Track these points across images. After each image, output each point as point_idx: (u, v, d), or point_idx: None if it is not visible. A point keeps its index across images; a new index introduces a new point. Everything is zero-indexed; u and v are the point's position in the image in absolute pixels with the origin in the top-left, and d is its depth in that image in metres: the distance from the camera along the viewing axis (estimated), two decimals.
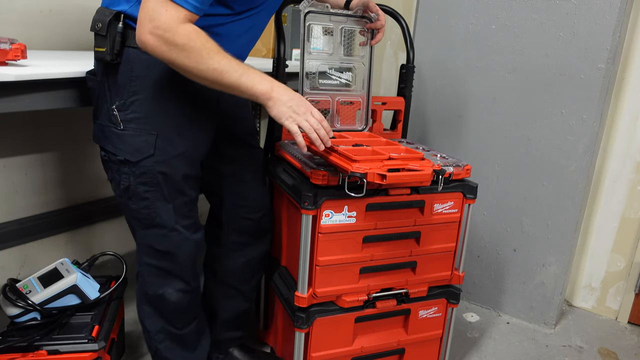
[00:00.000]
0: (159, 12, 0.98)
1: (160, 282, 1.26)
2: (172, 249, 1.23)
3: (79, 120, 1.96)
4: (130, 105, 1.13)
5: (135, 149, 1.14)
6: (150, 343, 1.34)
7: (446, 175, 1.36)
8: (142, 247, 1.26)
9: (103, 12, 1.11)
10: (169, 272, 1.26)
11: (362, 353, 1.44)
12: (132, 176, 1.16)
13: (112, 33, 1.09)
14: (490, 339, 1.92)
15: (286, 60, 1.55)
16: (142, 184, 1.16)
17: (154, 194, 1.17)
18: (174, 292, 1.27)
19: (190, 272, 1.29)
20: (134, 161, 1.14)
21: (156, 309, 1.29)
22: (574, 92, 1.79)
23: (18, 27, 1.69)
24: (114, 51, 1.10)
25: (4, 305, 1.30)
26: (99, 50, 1.12)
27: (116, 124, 1.14)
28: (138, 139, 1.14)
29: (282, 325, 1.56)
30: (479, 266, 2.12)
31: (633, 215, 2.01)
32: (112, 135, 1.16)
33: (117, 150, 1.15)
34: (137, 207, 1.19)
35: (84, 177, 2.04)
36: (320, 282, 1.32)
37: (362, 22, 1.50)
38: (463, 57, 1.99)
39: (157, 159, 1.15)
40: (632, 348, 1.93)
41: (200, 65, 1.02)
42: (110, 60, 1.10)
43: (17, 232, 1.79)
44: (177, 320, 1.31)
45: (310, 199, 1.23)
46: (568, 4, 1.75)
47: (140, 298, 1.32)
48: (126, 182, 1.17)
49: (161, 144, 1.15)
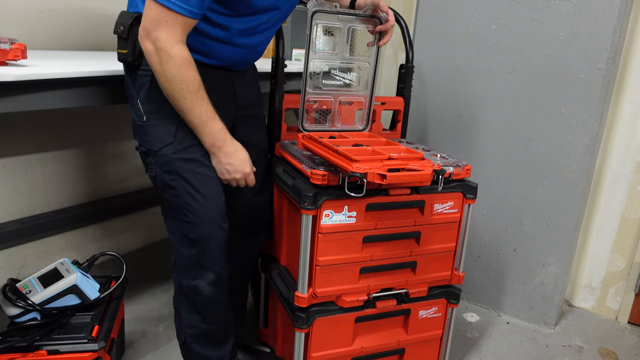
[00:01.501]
0: (160, 25, 1.05)
1: (193, 273, 1.29)
2: (203, 237, 1.25)
3: (79, 120, 1.96)
4: (151, 97, 1.18)
5: (157, 138, 1.20)
6: (180, 333, 1.37)
7: (446, 175, 1.36)
8: (176, 237, 1.29)
9: (125, 15, 1.17)
10: (201, 262, 1.28)
11: (362, 353, 1.44)
12: (157, 166, 1.22)
13: (134, 35, 1.14)
14: (490, 339, 1.92)
15: (285, 61, 1.55)
16: (167, 173, 1.21)
17: (180, 182, 1.21)
18: (206, 285, 1.29)
19: (220, 262, 1.31)
20: (156, 150, 1.20)
21: (191, 301, 1.32)
22: (574, 92, 1.79)
23: (18, 27, 1.69)
24: (136, 53, 1.15)
25: (4, 305, 1.30)
26: (122, 52, 1.17)
27: (141, 117, 1.21)
28: (159, 129, 1.20)
29: (282, 325, 1.56)
30: (479, 266, 2.12)
31: (633, 215, 2.01)
32: (139, 129, 1.23)
33: (143, 142, 1.22)
34: (167, 195, 1.24)
35: (84, 177, 2.04)
36: (320, 282, 1.32)
37: (372, 21, 1.49)
38: (463, 57, 1.99)
39: (177, 147, 1.19)
40: (632, 348, 1.93)
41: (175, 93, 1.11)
42: (132, 61, 1.16)
43: (17, 232, 1.79)
44: (209, 314, 1.33)
45: (310, 199, 1.23)
46: (568, 4, 1.75)
47: (177, 288, 1.35)
48: (153, 172, 1.24)
49: (182, 133, 1.19)
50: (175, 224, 1.27)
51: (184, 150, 1.20)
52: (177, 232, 1.28)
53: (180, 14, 1.05)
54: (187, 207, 1.22)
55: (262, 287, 1.69)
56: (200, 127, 1.16)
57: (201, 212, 1.23)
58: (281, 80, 1.54)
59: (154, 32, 1.05)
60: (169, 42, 1.06)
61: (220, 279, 1.31)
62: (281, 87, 1.55)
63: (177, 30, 1.06)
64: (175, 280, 1.34)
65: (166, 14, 1.04)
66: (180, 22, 1.06)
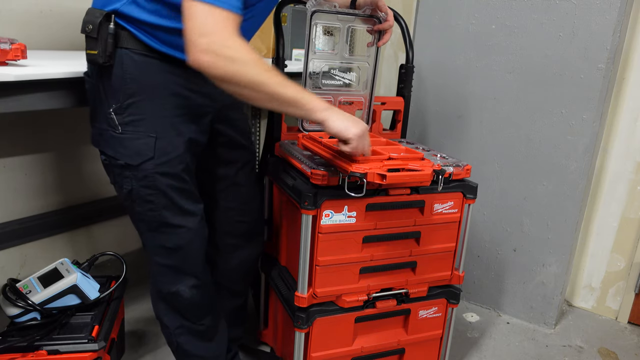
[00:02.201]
0: (208, 25, 0.95)
1: (172, 279, 1.26)
2: (182, 245, 1.23)
3: (79, 120, 1.96)
4: (127, 108, 1.11)
5: (135, 152, 1.13)
6: (170, 339, 1.35)
7: (446, 175, 1.36)
8: (152, 248, 1.25)
9: (93, 13, 1.08)
10: (180, 269, 1.26)
11: (362, 353, 1.44)
12: (134, 180, 1.15)
13: (104, 35, 1.06)
14: (490, 339, 1.92)
15: (285, 60, 1.55)
16: (145, 187, 1.15)
17: (158, 196, 1.17)
18: (186, 288, 1.27)
19: (200, 266, 1.29)
20: (135, 164, 1.13)
21: (171, 306, 1.30)
22: (574, 92, 1.79)
23: (18, 27, 1.69)
24: (106, 53, 1.07)
25: (4, 305, 1.30)
26: (91, 52, 1.09)
27: (114, 127, 1.12)
28: (137, 142, 1.13)
29: (282, 325, 1.56)
30: (479, 266, 2.12)
31: (633, 215, 2.01)
32: (112, 139, 1.14)
33: (117, 154, 1.14)
34: (142, 209, 1.19)
35: (84, 177, 2.04)
36: (320, 282, 1.32)
37: (371, 21, 1.49)
38: (463, 57, 1.99)
39: (158, 161, 1.14)
40: (632, 348, 1.93)
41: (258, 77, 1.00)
42: (103, 63, 1.08)
43: (17, 232, 1.79)
44: (193, 315, 1.31)
45: (310, 199, 1.23)
46: (568, 4, 1.75)
47: (154, 296, 1.32)
48: (129, 186, 1.16)
49: (160, 146, 1.14)
50: (150, 235, 1.23)
51: (163, 164, 1.15)
52: (152, 243, 1.24)
53: (228, 10, 0.96)
54: (164, 220, 1.19)
55: (262, 287, 1.69)
56: (298, 100, 1.06)
57: (179, 224, 1.20)
58: None
59: (205, 37, 0.95)
60: (224, 33, 0.96)
61: (202, 282, 1.29)
62: None
63: (227, 26, 0.97)
64: (152, 289, 1.31)
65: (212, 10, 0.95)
66: (231, 21, 0.97)
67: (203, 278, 1.31)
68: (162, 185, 1.16)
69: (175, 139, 1.17)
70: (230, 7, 0.97)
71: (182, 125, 1.18)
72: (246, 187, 1.45)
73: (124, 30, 1.08)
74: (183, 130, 1.18)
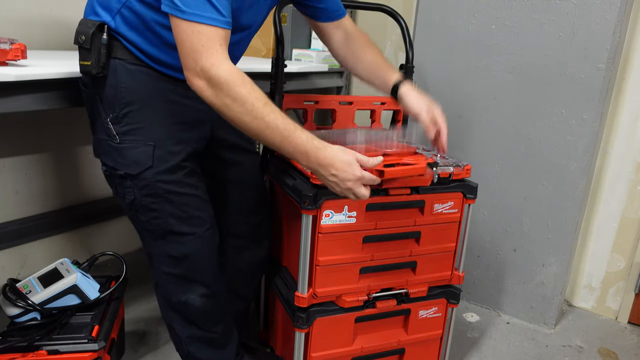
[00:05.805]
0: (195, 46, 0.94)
1: (181, 288, 1.24)
2: (189, 253, 1.21)
3: (79, 120, 1.96)
4: (123, 117, 1.11)
5: (134, 162, 1.12)
6: (181, 347, 1.33)
7: (446, 175, 1.36)
8: (158, 257, 1.23)
9: (85, 23, 1.08)
10: (189, 278, 1.23)
11: (362, 353, 1.44)
12: (135, 189, 1.14)
13: (97, 45, 1.06)
14: (490, 339, 1.92)
15: (285, 61, 1.55)
16: (147, 196, 1.14)
17: (161, 204, 1.15)
18: (197, 297, 1.24)
19: (210, 274, 1.27)
20: (135, 174, 1.13)
21: (182, 315, 1.27)
22: (574, 92, 1.79)
23: (18, 27, 1.69)
24: (100, 64, 1.07)
25: (4, 305, 1.30)
26: (84, 63, 1.08)
27: (112, 137, 1.12)
28: (135, 151, 1.12)
29: (282, 325, 1.56)
30: (479, 266, 2.12)
31: (633, 215, 2.01)
32: (110, 149, 1.13)
33: (116, 164, 1.14)
34: (146, 218, 1.17)
35: (84, 177, 2.04)
36: (320, 282, 1.32)
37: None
38: (463, 57, 1.99)
39: (157, 170, 1.13)
40: (632, 348, 1.93)
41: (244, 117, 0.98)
42: (97, 74, 1.08)
43: (17, 232, 1.79)
44: (204, 323, 1.29)
45: (311, 199, 1.23)
46: (568, 4, 1.75)
47: (164, 305, 1.29)
48: (131, 196, 1.15)
49: (159, 154, 1.13)
50: (155, 243, 1.21)
51: (163, 172, 1.13)
52: (158, 252, 1.22)
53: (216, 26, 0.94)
54: (170, 227, 1.17)
55: (262, 287, 1.69)
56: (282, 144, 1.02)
57: (186, 231, 1.19)
58: (281, 81, 1.54)
59: (197, 63, 0.94)
60: (213, 66, 0.94)
61: (213, 291, 1.27)
62: (281, 87, 1.55)
63: (216, 47, 0.94)
64: (160, 298, 1.29)
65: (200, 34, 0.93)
66: (218, 38, 0.95)
67: (215, 286, 1.28)
68: (164, 193, 1.15)
69: (173, 147, 1.16)
70: (217, 23, 0.95)
71: (180, 133, 1.17)
72: (251, 188, 1.45)
73: (117, 40, 1.08)
74: (181, 138, 1.18)
